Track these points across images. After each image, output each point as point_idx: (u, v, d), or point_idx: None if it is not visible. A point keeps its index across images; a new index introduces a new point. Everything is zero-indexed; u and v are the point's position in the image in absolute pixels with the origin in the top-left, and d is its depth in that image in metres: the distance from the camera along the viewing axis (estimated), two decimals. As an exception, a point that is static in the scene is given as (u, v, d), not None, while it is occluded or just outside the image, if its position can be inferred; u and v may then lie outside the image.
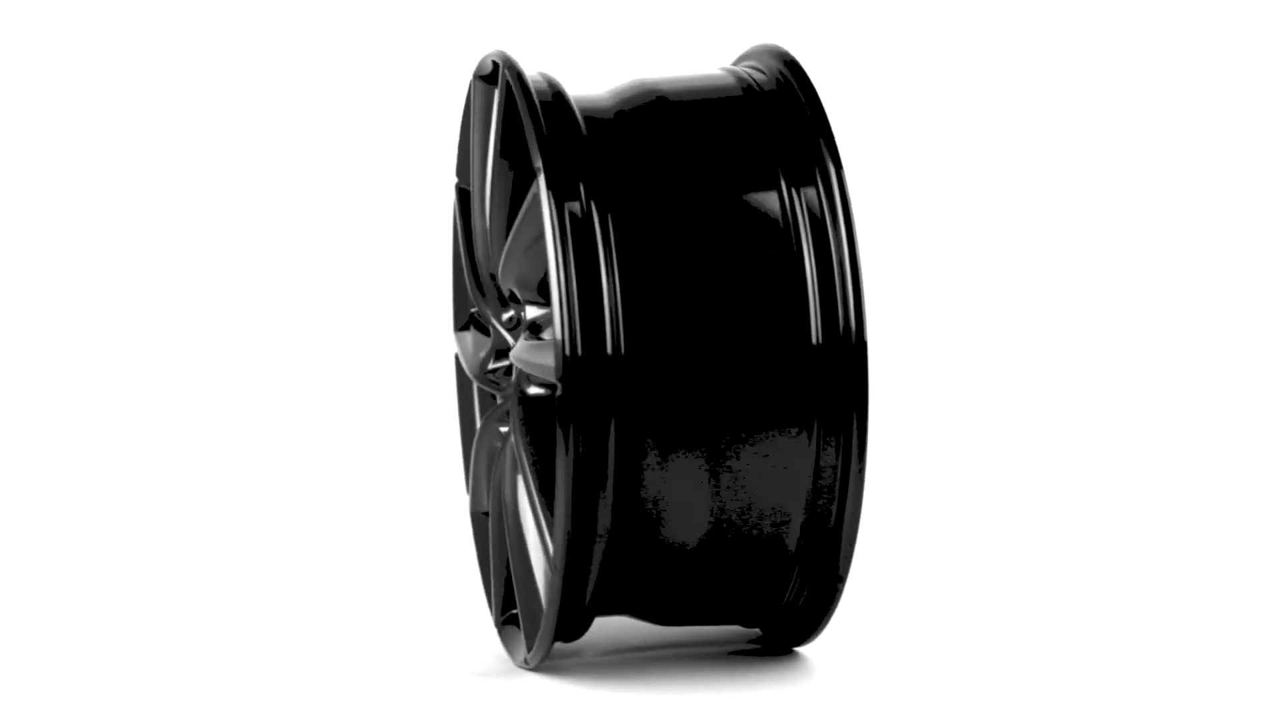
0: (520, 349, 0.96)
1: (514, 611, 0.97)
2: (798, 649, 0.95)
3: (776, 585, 0.90)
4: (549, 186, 0.87)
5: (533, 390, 0.97)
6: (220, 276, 1.49)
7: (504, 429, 1.01)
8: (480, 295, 1.03)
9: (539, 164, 0.88)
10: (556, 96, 0.91)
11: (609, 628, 0.99)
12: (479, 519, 1.04)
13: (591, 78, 0.96)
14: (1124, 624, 1.02)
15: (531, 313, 0.97)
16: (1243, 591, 1.08)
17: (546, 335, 0.96)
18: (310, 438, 1.41)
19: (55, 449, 1.40)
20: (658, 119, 0.90)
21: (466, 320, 1.05)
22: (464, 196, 1.02)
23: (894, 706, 0.89)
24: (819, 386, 0.86)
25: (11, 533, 1.26)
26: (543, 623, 0.90)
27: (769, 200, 0.88)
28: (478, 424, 1.05)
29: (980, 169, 1.48)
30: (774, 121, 0.90)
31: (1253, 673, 0.93)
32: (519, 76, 0.91)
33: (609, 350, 0.86)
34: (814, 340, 0.86)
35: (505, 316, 1.00)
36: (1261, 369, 1.42)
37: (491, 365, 1.03)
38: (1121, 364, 1.44)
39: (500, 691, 0.92)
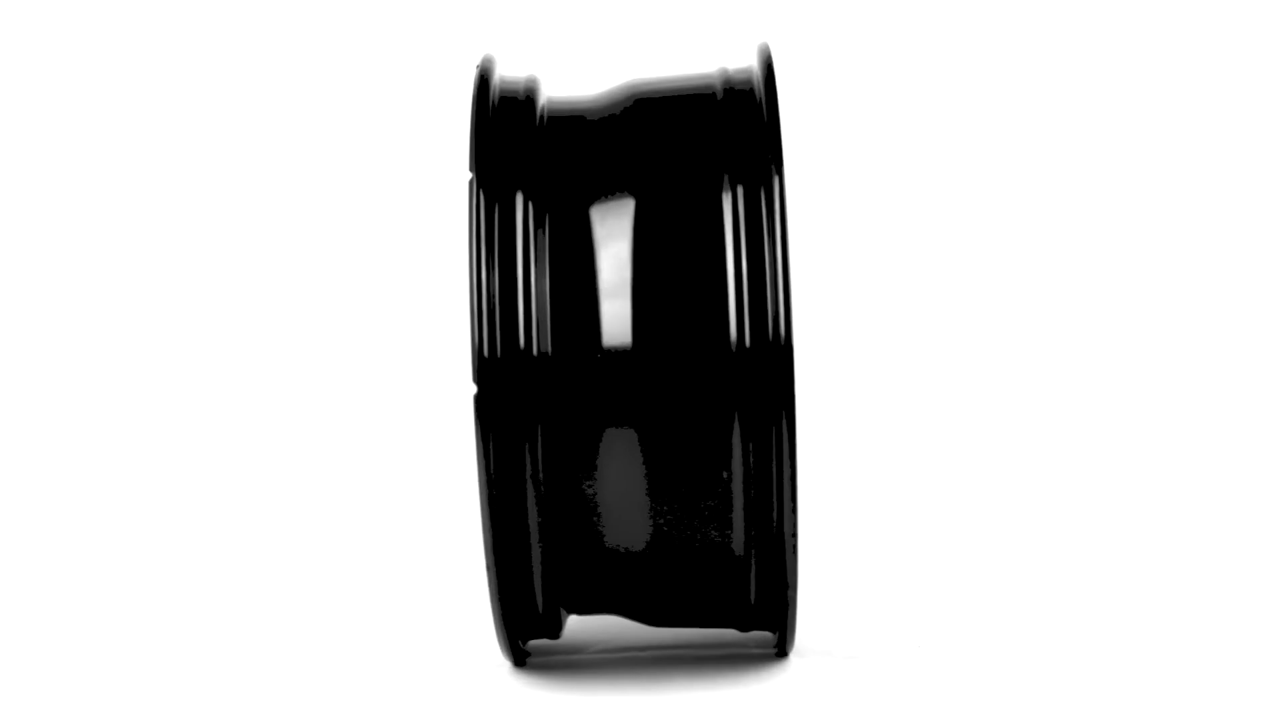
0: None
1: None
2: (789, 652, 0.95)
3: (735, 587, 0.89)
4: (476, 186, 0.87)
5: None
6: (250, 279, 1.50)
7: None
8: None
9: (470, 165, 0.88)
10: (527, 99, 0.91)
11: (612, 627, 1.00)
12: None
13: (614, 78, 0.96)
14: (1087, 612, 1.02)
15: None
16: (1206, 584, 1.08)
17: None
18: (327, 437, 1.43)
19: (62, 448, 1.43)
20: (623, 121, 0.90)
21: None
22: None
23: (886, 706, 0.89)
24: (746, 389, 0.85)
25: (32, 533, 1.28)
26: (492, 620, 0.90)
27: (708, 203, 0.86)
28: None
29: (972, 170, 1.48)
30: (733, 124, 0.89)
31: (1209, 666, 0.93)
32: (481, 78, 0.91)
33: (523, 351, 0.85)
34: (743, 343, 0.85)
35: None
36: (1198, 370, 1.43)
37: None
38: (1065, 363, 1.44)
39: (494, 690, 0.92)
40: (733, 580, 0.89)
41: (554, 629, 0.93)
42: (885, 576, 1.11)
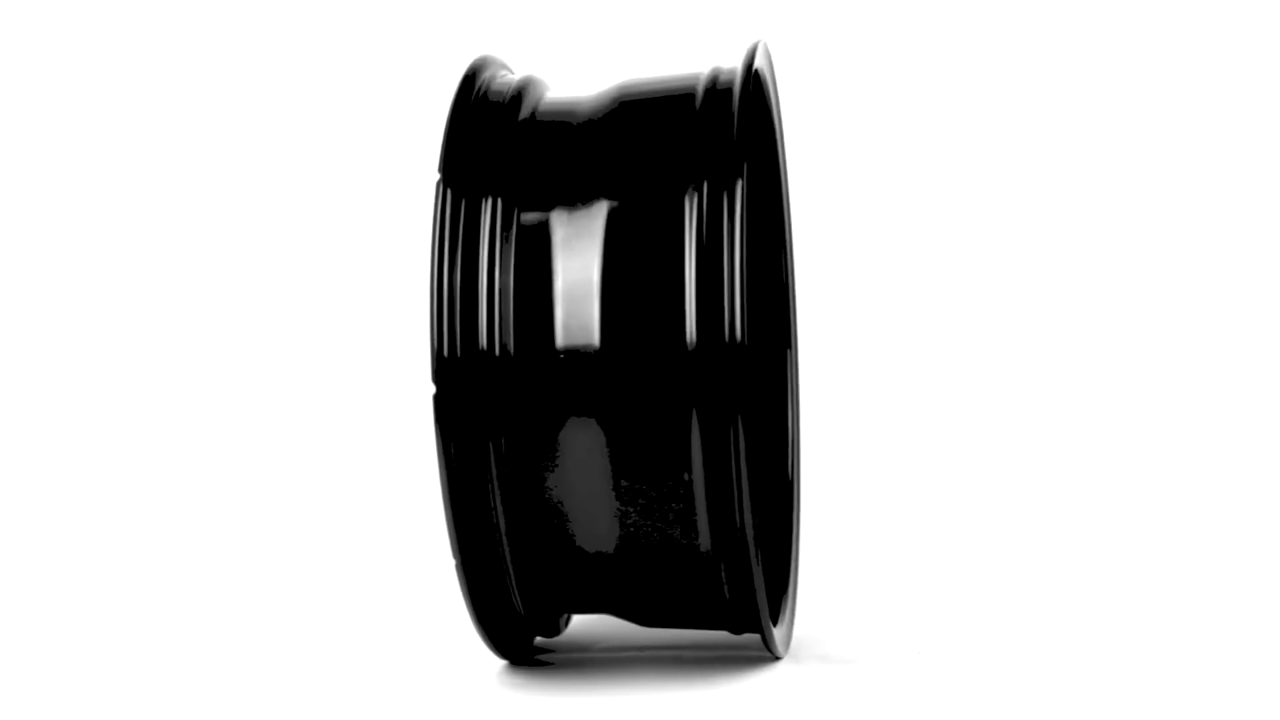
0: None
1: None
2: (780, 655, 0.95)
3: (710, 590, 0.89)
4: (441, 186, 0.88)
5: None
6: (235, 276, 1.50)
7: None
8: None
9: (439, 165, 0.89)
10: (512, 100, 0.92)
11: (614, 628, 1.01)
12: None
13: (616, 79, 0.96)
14: (1087, 618, 1.02)
15: None
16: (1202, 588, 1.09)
17: None
18: (318, 438, 1.43)
19: (40, 452, 1.43)
20: (602, 124, 0.90)
21: None
22: None
23: (880, 712, 0.89)
24: (702, 390, 0.85)
25: None
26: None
27: (670, 206, 0.86)
28: None
29: (976, 169, 1.48)
30: (704, 127, 0.88)
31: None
32: (465, 79, 0.92)
33: (484, 351, 0.86)
34: (699, 344, 0.85)
35: None
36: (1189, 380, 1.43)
37: None
38: (1065, 370, 1.45)
39: (492, 690, 0.92)
40: (707, 583, 0.89)
41: (548, 627, 0.94)
42: (886, 581, 1.12)
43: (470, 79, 0.92)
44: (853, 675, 0.92)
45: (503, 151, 0.89)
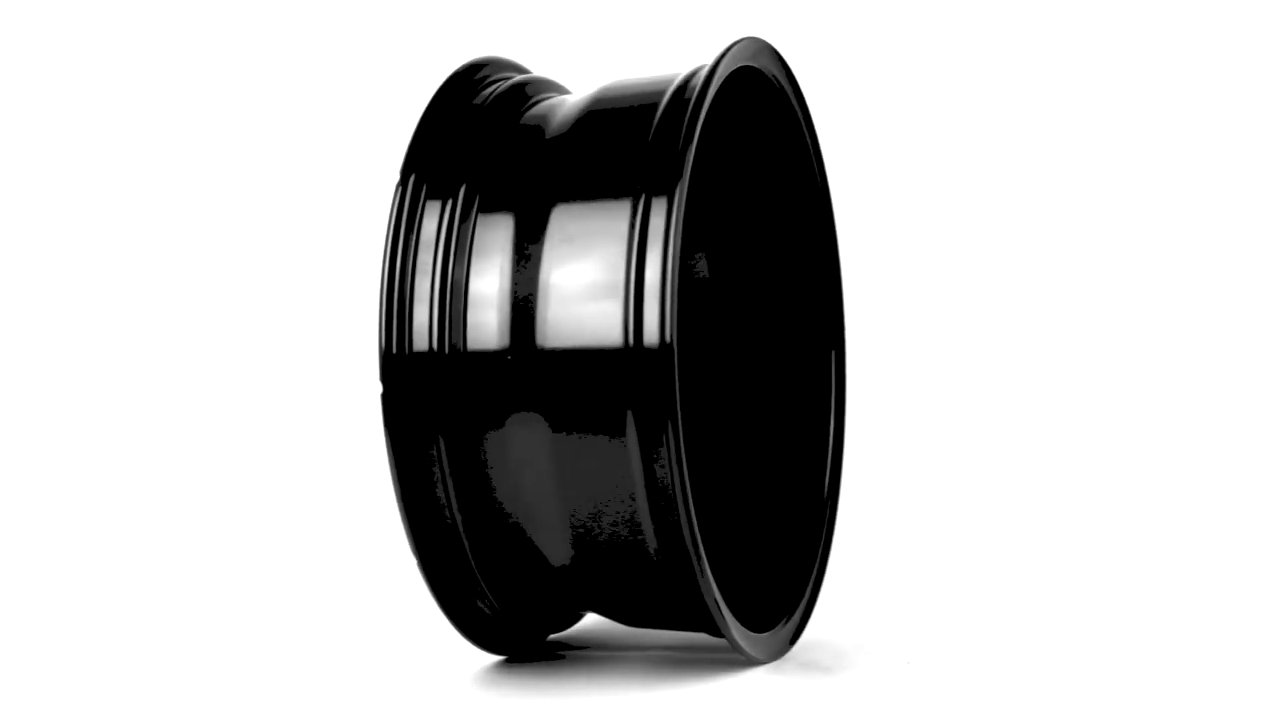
0: None
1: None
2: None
3: (668, 590, 0.89)
4: (399, 187, 0.89)
5: None
6: (230, 274, 1.50)
7: None
8: None
9: (402, 163, 0.90)
10: (495, 102, 0.92)
11: (618, 628, 1.01)
12: None
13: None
14: (1084, 628, 1.02)
15: None
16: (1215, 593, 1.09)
17: None
18: (314, 436, 1.43)
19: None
20: (572, 131, 0.90)
21: None
22: None
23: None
24: (635, 392, 0.85)
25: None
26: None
27: (613, 211, 0.87)
28: None
29: (982, 172, 1.48)
30: (658, 135, 0.88)
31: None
32: (449, 80, 0.93)
33: (433, 350, 0.87)
34: (630, 347, 0.85)
35: None
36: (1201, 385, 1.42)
37: None
38: (1064, 387, 1.45)
39: (487, 689, 0.92)
40: (665, 586, 0.89)
41: (553, 623, 0.95)
42: (901, 593, 1.11)
43: (454, 81, 0.93)
44: (828, 685, 0.91)
45: (471, 153, 0.90)
